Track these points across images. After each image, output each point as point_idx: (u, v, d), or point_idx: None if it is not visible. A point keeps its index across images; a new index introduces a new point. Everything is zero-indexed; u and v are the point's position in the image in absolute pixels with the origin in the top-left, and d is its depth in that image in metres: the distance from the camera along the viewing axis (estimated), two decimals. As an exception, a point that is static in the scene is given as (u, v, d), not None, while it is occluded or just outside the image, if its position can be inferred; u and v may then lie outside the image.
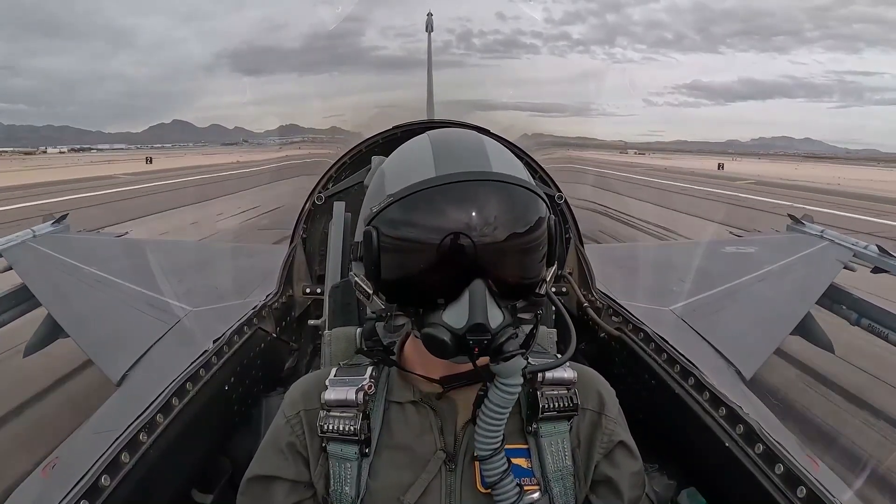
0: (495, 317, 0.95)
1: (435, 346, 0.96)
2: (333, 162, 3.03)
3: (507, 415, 1.03)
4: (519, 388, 1.00)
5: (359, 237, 1.06)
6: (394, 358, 1.17)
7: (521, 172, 1.04)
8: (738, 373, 2.32)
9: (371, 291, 1.04)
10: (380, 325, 1.16)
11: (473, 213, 0.95)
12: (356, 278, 1.07)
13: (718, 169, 48.96)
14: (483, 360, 0.97)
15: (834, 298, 3.59)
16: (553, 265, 1.07)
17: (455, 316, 0.95)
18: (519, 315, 1.01)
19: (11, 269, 3.43)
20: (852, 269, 3.76)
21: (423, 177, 0.97)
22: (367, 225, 1.01)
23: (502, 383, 0.99)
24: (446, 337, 0.94)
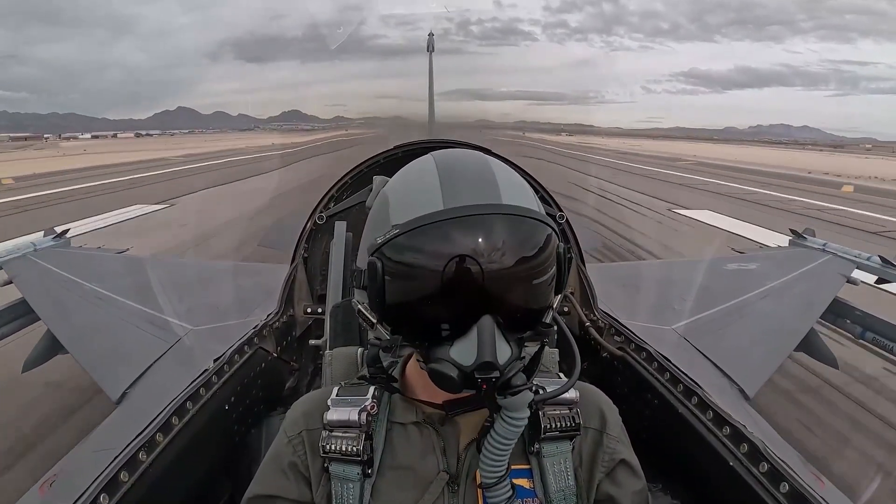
0: (503, 353, 0.94)
1: (442, 382, 0.95)
2: (335, 182, 3.04)
3: (513, 444, 1.02)
4: (525, 421, 0.99)
5: (361, 264, 1.05)
6: (396, 385, 1.15)
7: (531, 199, 1.03)
8: (742, 391, 2.30)
9: (375, 321, 1.02)
10: (382, 352, 1.15)
11: (483, 246, 0.93)
12: (359, 306, 1.05)
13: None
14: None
15: (837, 313, 3.56)
16: (561, 293, 1.06)
17: (463, 352, 0.94)
18: (526, 345, 1.00)
19: (11, 282, 3.42)
20: (855, 283, 3.74)
21: (430, 207, 0.95)
22: (372, 254, 0.99)
23: (509, 416, 0.98)
24: (454, 373, 0.93)
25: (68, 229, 4.29)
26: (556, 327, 1.08)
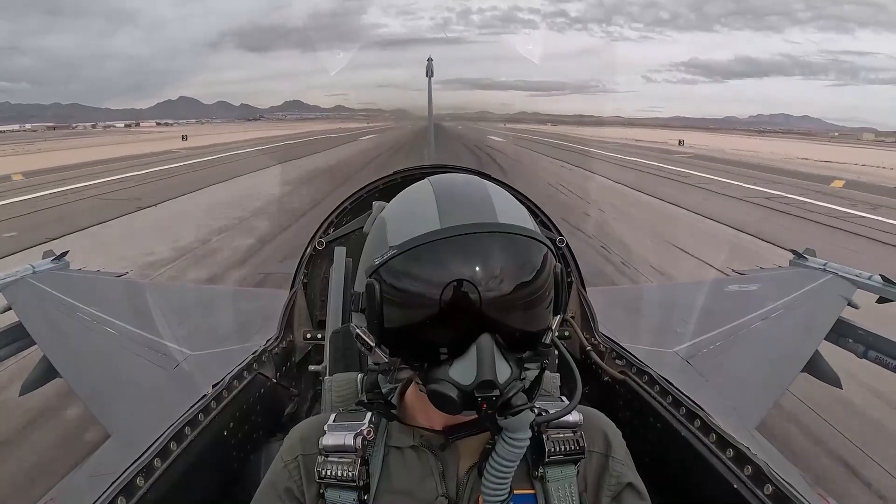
0: (503, 372, 0.94)
1: (442, 403, 0.94)
2: (334, 207, 3.05)
3: (516, 466, 1.01)
4: (528, 442, 0.98)
5: (359, 287, 1.05)
6: (395, 412, 1.14)
7: (527, 221, 1.03)
8: (747, 414, 2.28)
9: (373, 344, 1.02)
10: (382, 377, 1.14)
11: (480, 266, 0.94)
12: (357, 330, 1.05)
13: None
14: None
15: (839, 332, 3.55)
16: (559, 314, 1.06)
17: (462, 372, 0.93)
18: (525, 366, 0.99)
19: (10, 306, 3.41)
20: (855, 307, 3.72)
21: (427, 228, 0.96)
22: (370, 277, 0.99)
23: (511, 437, 0.97)
24: (453, 394, 0.93)
25: (67, 251, 4.29)
26: (556, 351, 1.07)
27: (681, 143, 55.84)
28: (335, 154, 38.35)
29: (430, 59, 30.12)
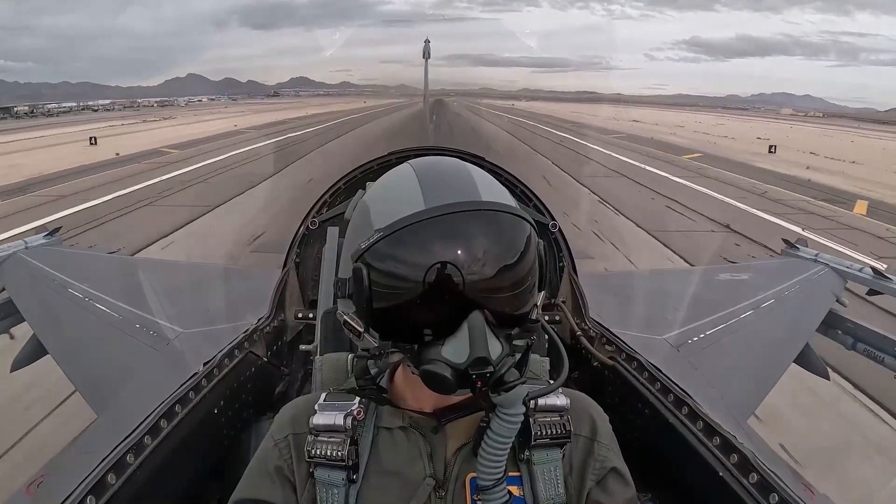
0: (495, 348, 0.94)
1: (436, 383, 0.95)
2: (327, 187, 3.04)
3: (510, 444, 1.02)
4: (522, 417, 1.00)
5: (345, 273, 1.04)
6: (387, 396, 1.15)
7: (509, 199, 1.04)
8: (736, 403, 2.30)
9: (362, 329, 1.02)
10: (371, 362, 1.14)
11: (468, 243, 0.94)
12: (345, 316, 1.05)
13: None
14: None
15: (829, 323, 3.57)
16: (543, 290, 1.07)
17: (455, 350, 0.94)
18: (514, 342, 1.00)
19: (2, 283, 3.38)
20: (843, 305, 3.74)
21: (412, 209, 0.96)
22: (356, 261, 0.99)
23: (505, 413, 0.98)
24: (447, 373, 0.93)
25: (60, 227, 4.26)
26: (546, 335, 1.08)
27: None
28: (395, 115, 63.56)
29: (427, 41, 30.02)
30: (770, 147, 29.56)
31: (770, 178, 19.16)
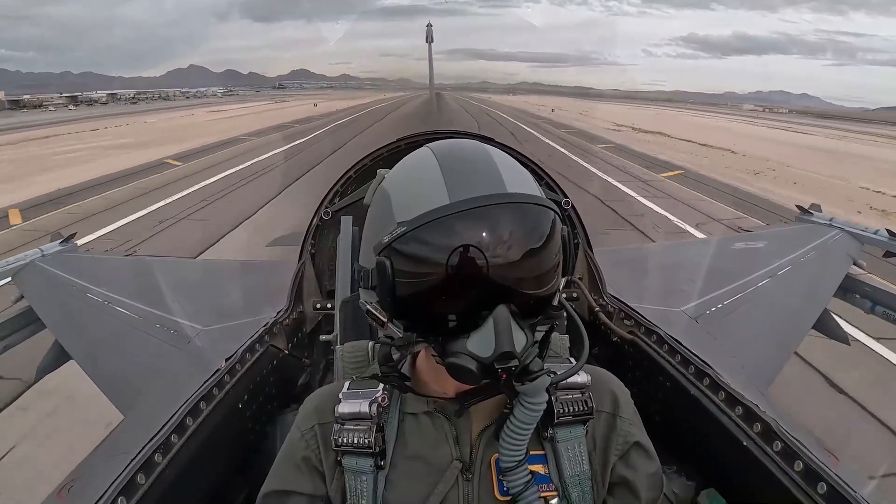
0: (520, 340, 0.94)
1: (462, 376, 0.95)
2: (339, 177, 3.03)
3: (532, 429, 1.03)
4: (545, 405, 1.00)
5: (366, 262, 1.04)
6: (409, 384, 1.14)
7: (532, 186, 1.03)
8: (756, 372, 2.29)
9: (385, 319, 1.02)
10: (394, 348, 1.15)
11: (493, 237, 0.93)
12: (367, 305, 1.05)
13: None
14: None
15: (847, 287, 3.54)
16: (567, 276, 1.07)
17: (480, 344, 0.94)
18: (537, 330, 1.01)
19: (20, 292, 3.42)
20: (860, 266, 3.70)
21: (436, 202, 0.95)
22: (379, 254, 0.98)
23: (528, 401, 0.98)
24: (473, 366, 0.93)
25: (75, 233, 4.30)
26: (564, 312, 1.08)
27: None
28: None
29: (429, 25, 29.74)
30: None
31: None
